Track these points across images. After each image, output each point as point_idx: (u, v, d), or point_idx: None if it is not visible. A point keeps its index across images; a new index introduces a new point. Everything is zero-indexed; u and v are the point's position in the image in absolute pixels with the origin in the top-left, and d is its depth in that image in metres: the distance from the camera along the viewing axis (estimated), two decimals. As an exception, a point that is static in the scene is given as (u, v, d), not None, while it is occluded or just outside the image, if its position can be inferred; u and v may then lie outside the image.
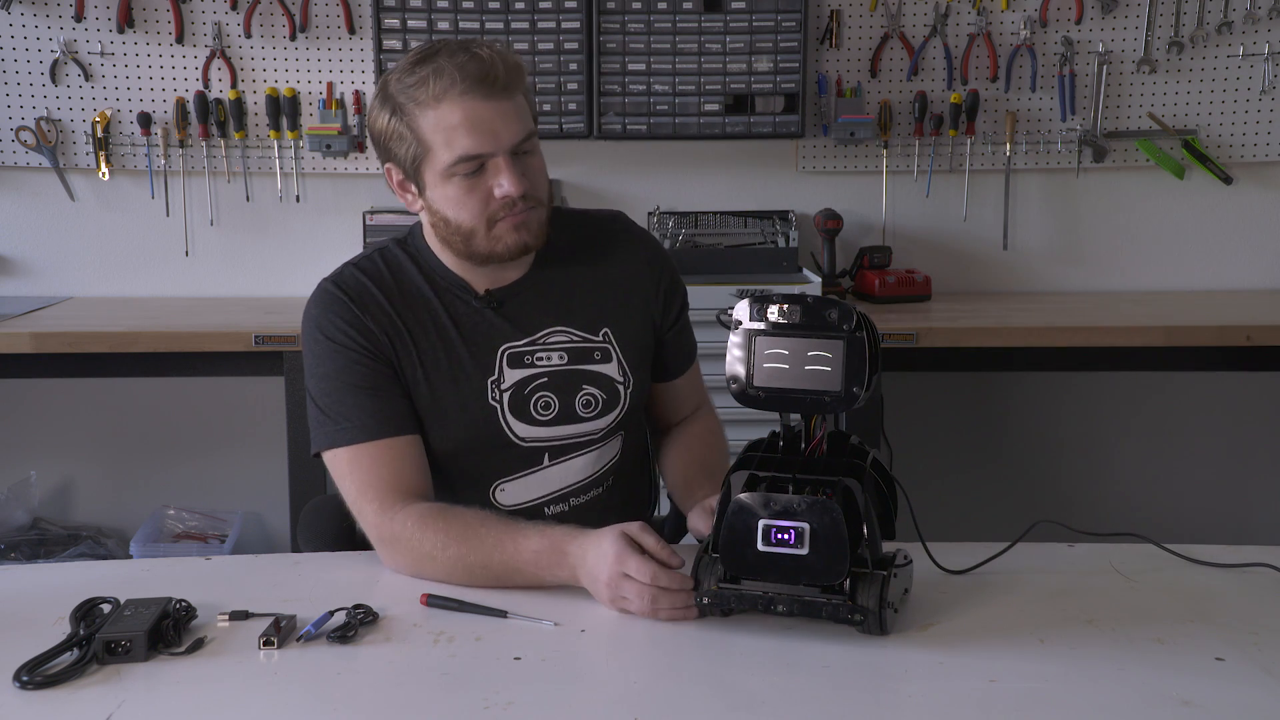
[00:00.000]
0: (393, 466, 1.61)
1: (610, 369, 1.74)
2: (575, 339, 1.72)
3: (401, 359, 1.66)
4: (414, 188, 1.66)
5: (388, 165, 1.67)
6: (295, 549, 1.99)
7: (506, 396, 1.69)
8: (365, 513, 1.59)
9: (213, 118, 3.25)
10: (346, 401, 1.62)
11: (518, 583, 1.48)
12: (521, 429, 1.70)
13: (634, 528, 1.43)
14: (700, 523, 1.61)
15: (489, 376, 1.68)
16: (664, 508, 1.99)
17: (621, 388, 1.74)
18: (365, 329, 1.64)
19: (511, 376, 1.69)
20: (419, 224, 1.73)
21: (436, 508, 1.57)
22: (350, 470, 1.61)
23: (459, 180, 1.60)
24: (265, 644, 1.32)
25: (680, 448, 1.85)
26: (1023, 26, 3.29)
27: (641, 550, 1.40)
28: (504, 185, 1.59)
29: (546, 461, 1.73)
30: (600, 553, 1.42)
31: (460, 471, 1.71)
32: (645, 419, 1.91)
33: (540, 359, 1.70)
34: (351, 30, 3.25)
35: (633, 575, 1.39)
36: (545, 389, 1.70)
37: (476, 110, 1.57)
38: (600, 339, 1.74)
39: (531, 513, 1.71)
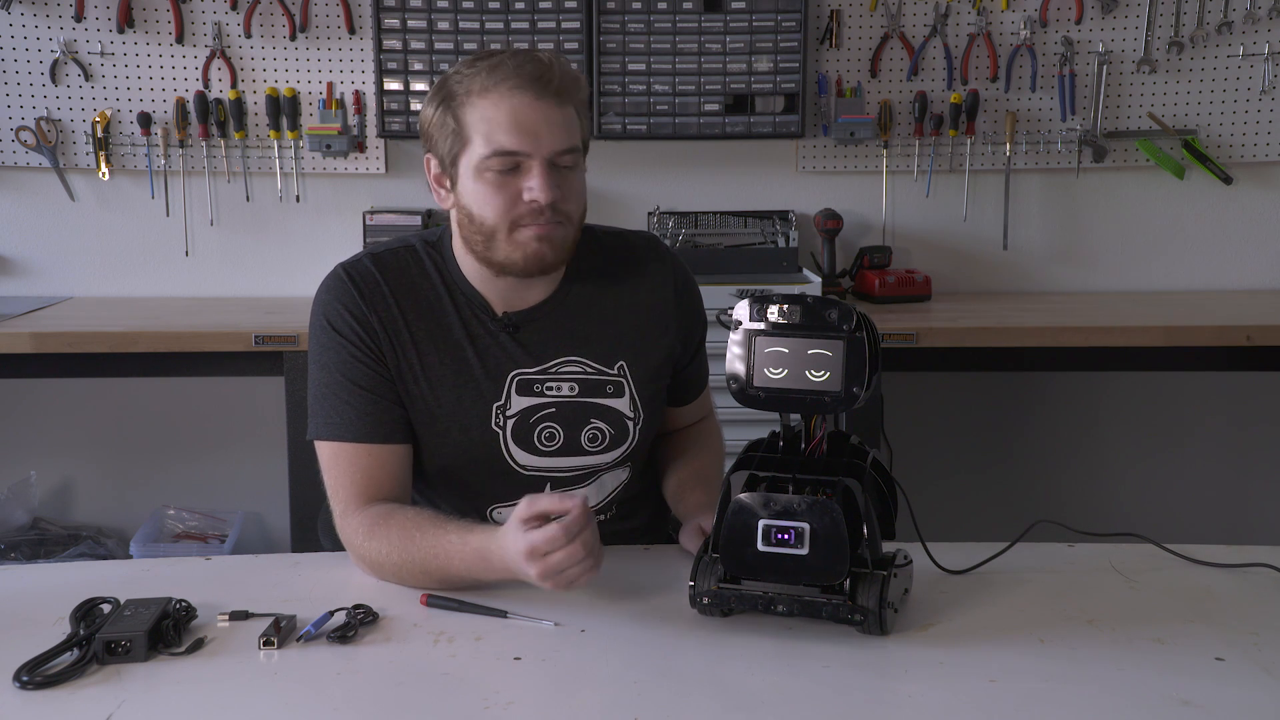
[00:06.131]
0: (368, 473, 1.59)
1: (622, 404, 1.69)
2: (589, 370, 1.67)
3: (401, 365, 1.62)
4: (448, 182, 1.61)
5: (428, 157, 1.63)
6: (300, 548, 1.99)
7: (511, 424, 1.65)
8: (334, 512, 1.59)
9: (213, 118, 3.25)
10: (341, 396, 1.60)
11: (461, 585, 1.46)
12: (523, 458, 1.66)
13: (522, 510, 1.39)
14: (691, 543, 1.59)
15: (495, 401, 1.64)
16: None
17: (631, 424, 1.70)
18: (369, 325, 1.61)
19: (518, 404, 1.65)
20: (448, 227, 1.68)
21: (383, 511, 1.54)
22: (329, 465, 1.61)
23: (491, 176, 1.55)
24: (265, 644, 1.32)
25: (676, 452, 1.84)
26: (1023, 26, 3.29)
27: (543, 518, 1.37)
28: (534, 189, 1.54)
29: (548, 491, 1.69)
30: (512, 545, 1.38)
31: (456, 490, 1.69)
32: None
33: (550, 389, 1.66)
34: (351, 30, 3.25)
35: (541, 546, 1.35)
36: (552, 420, 1.66)
37: (522, 108, 1.53)
38: (615, 372, 1.69)
39: None
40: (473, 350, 1.64)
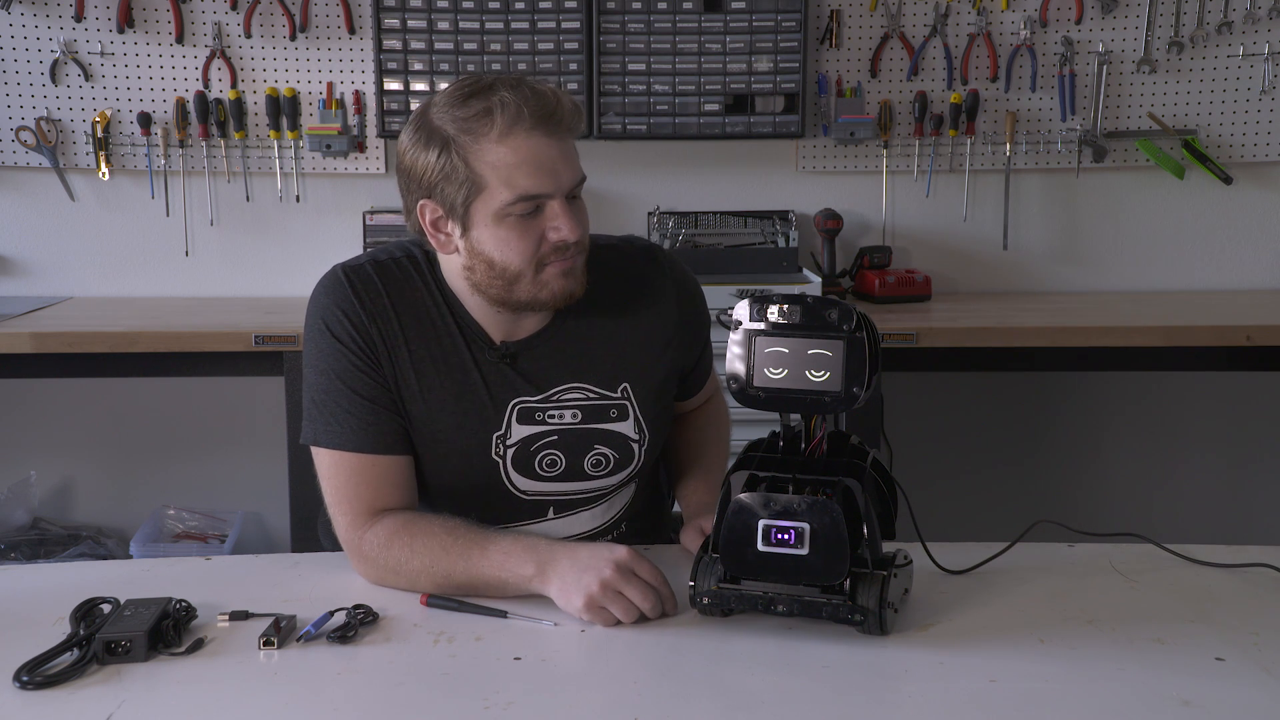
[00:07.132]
0: (372, 484, 1.56)
1: (626, 427, 1.65)
2: (591, 396, 1.63)
3: (399, 381, 1.58)
4: (452, 227, 1.54)
5: (423, 203, 1.55)
6: (300, 548, 1.99)
7: (511, 452, 1.61)
8: (338, 522, 1.56)
9: (213, 118, 3.25)
10: (341, 404, 1.56)
11: (480, 590, 1.44)
12: (524, 484, 1.64)
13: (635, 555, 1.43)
14: (692, 543, 1.58)
15: (495, 430, 1.60)
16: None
17: (636, 445, 1.66)
18: (369, 336, 1.56)
19: (519, 432, 1.61)
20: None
21: (405, 519, 1.53)
22: (330, 474, 1.57)
23: (513, 221, 1.50)
24: (265, 644, 1.32)
25: (682, 443, 1.83)
26: (1023, 26, 3.29)
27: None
28: (561, 230, 1.51)
29: (551, 515, 1.67)
30: (607, 550, 1.40)
31: (455, 508, 1.62)
32: None
33: (552, 416, 1.62)
34: (351, 30, 3.25)
35: (643, 576, 1.39)
36: (554, 447, 1.62)
37: (542, 149, 1.49)
38: (618, 395, 1.64)
39: None
40: (474, 376, 1.60)
